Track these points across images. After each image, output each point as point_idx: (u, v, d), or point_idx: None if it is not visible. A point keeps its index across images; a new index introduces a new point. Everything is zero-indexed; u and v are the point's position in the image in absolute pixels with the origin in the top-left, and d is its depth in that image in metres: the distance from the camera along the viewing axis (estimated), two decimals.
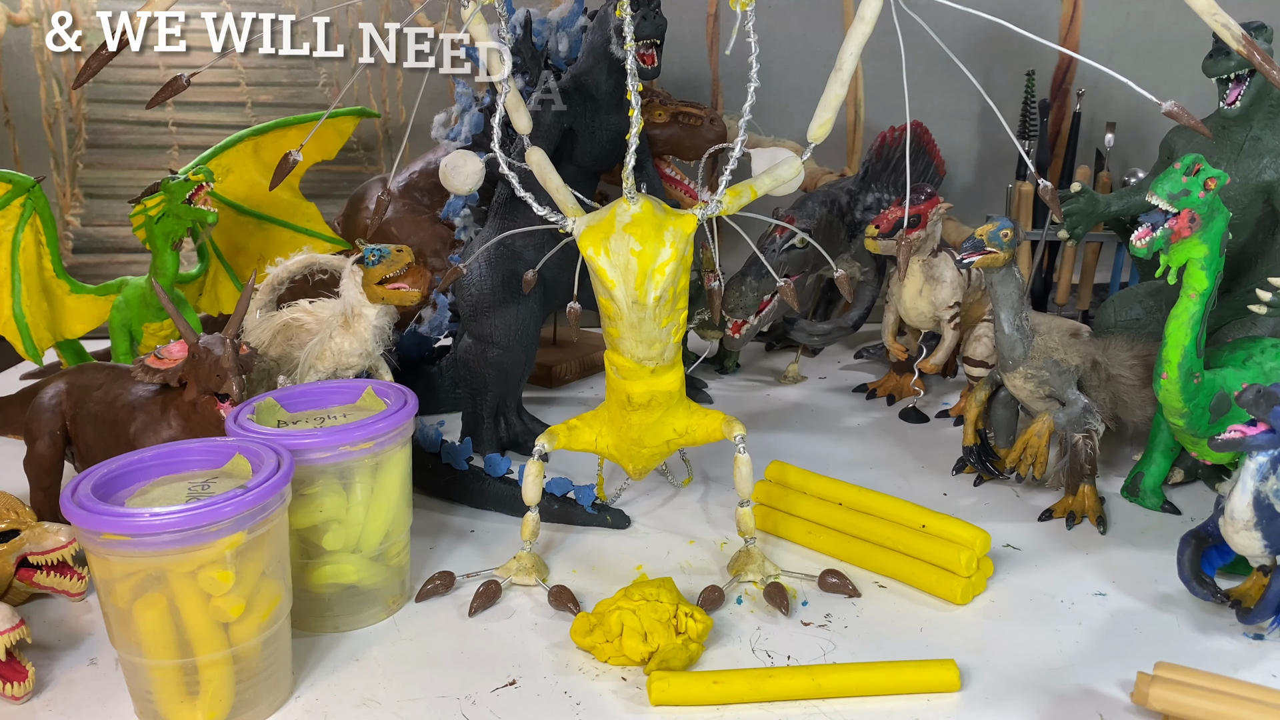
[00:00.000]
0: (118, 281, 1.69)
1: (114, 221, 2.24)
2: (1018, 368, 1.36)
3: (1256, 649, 1.09)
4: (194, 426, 1.21)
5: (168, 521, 0.90)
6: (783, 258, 1.67)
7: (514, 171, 1.20)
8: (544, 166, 1.21)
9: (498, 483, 1.40)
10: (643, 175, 1.40)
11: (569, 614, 1.16)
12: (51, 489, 1.31)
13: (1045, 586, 1.22)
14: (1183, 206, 1.14)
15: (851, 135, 2.19)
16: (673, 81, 2.10)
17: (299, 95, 2.20)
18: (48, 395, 1.31)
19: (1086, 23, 2.09)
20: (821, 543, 1.29)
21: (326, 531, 1.12)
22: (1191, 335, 1.18)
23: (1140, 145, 2.04)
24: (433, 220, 1.91)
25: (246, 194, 1.81)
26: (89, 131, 2.20)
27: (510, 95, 1.21)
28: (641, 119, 1.14)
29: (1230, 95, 1.42)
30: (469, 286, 1.53)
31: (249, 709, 1.00)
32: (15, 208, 1.58)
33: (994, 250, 1.31)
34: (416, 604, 1.20)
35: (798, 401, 1.84)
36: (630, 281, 1.12)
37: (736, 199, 1.18)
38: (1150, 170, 1.75)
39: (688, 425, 1.25)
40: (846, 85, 1.14)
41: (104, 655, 1.10)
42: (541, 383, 1.91)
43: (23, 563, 1.11)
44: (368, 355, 1.38)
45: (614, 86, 1.51)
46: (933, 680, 1.02)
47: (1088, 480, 1.36)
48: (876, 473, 1.52)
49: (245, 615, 0.96)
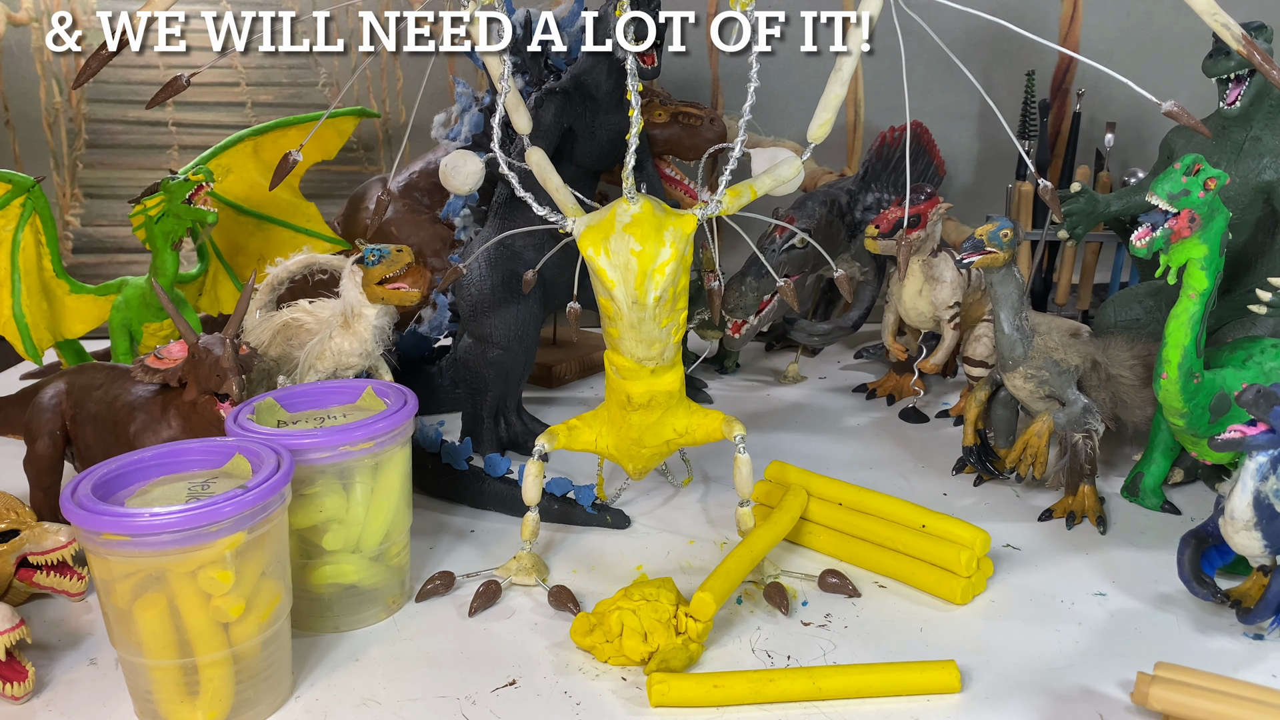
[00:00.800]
0: (118, 281, 1.69)
1: (114, 221, 2.24)
2: (1018, 368, 1.36)
3: (1256, 649, 1.09)
4: (194, 426, 1.21)
5: (168, 521, 0.90)
6: (783, 258, 1.67)
7: (514, 171, 1.20)
8: (544, 166, 1.21)
9: (498, 483, 1.40)
10: (643, 175, 1.40)
11: (569, 614, 1.16)
12: (51, 489, 1.31)
13: (1045, 586, 1.22)
14: (1183, 206, 1.14)
15: (851, 135, 2.19)
16: (673, 81, 2.10)
17: (299, 95, 2.20)
18: (48, 395, 1.31)
19: (1086, 23, 2.09)
20: (821, 543, 1.29)
21: (326, 531, 1.12)
22: (1191, 335, 1.18)
23: (1140, 145, 2.04)
24: (433, 220, 1.91)
25: (246, 194, 1.81)
26: (89, 131, 2.20)
27: (510, 95, 1.21)
28: (641, 119, 1.14)
29: (1230, 95, 1.42)
30: (469, 286, 1.53)
31: (249, 709, 1.00)
32: (15, 208, 1.58)
33: (994, 250, 1.31)
34: (416, 604, 1.20)
35: (798, 401, 1.84)
36: (630, 281, 1.12)
37: (736, 199, 1.18)
38: (1150, 170, 1.75)
39: (688, 425, 1.25)
40: (846, 85, 1.15)
41: (104, 655, 1.10)
42: (541, 383, 1.92)
43: (23, 563, 1.11)
44: (368, 355, 1.38)
45: (614, 86, 1.51)
46: (933, 682, 1.02)
47: (1088, 480, 1.36)
48: (876, 473, 1.52)
49: (245, 615, 0.96)
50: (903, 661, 1.05)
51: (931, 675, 1.02)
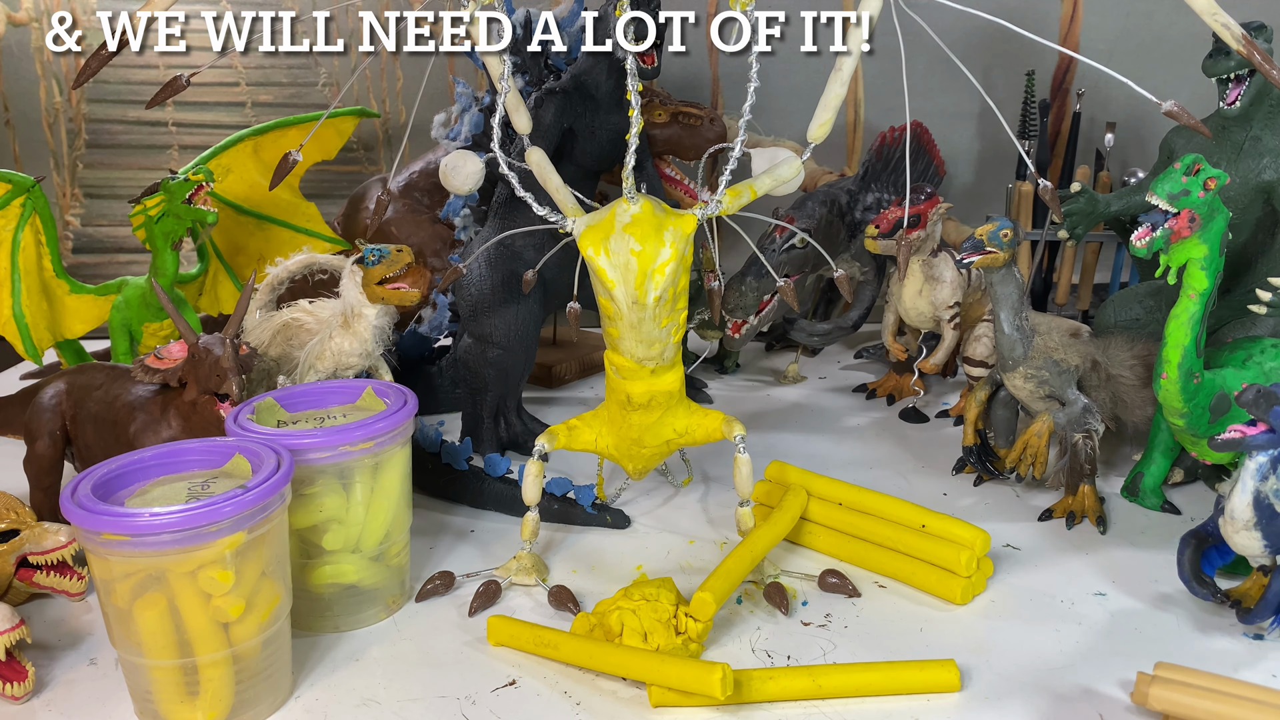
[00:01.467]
0: (118, 281, 1.69)
1: (114, 221, 2.24)
2: (1018, 368, 1.36)
3: (1257, 649, 1.09)
4: (194, 426, 1.21)
5: (168, 521, 0.90)
6: (783, 258, 1.67)
7: (514, 171, 1.20)
8: (544, 166, 1.21)
9: (498, 483, 1.40)
10: (643, 175, 1.40)
11: (569, 614, 1.16)
12: (51, 489, 1.31)
13: (1045, 586, 1.22)
14: (1183, 206, 1.14)
15: (851, 135, 2.19)
16: (673, 81, 2.10)
17: (299, 95, 2.20)
18: (48, 395, 1.31)
19: (1086, 23, 2.09)
20: (821, 543, 1.29)
21: (326, 531, 1.12)
22: (1191, 335, 1.18)
23: (1140, 145, 2.04)
24: (433, 220, 1.91)
25: (246, 194, 1.81)
26: (89, 131, 2.20)
27: (510, 95, 1.21)
28: (641, 119, 1.14)
29: (1230, 95, 1.42)
30: (469, 286, 1.53)
31: (249, 709, 1.00)
32: (15, 208, 1.58)
33: (994, 250, 1.31)
34: (416, 604, 1.20)
35: (798, 401, 1.84)
36: (630, 281, 1.12)
37: (736, 199, 1.18)
38: (1150, 170, 1.75)
39: (688, 425, 1.25)
40: (846, 85, 1.15)
41: (104, 655, 1.10)
42: (541, 383, 1.92)
43: (23, 563, 1.11)
44: (368, 355, 1.38)
45: (614, 86, 1.51)
46: (933, 681, 1.02)
47: (1088, 480, 1.36)
48: (876, 473, 1.52)
49: (245, 615, 0.96)
50: (902, 660, 1.05)
51: (931, 674, 1.02)
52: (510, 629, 1.10)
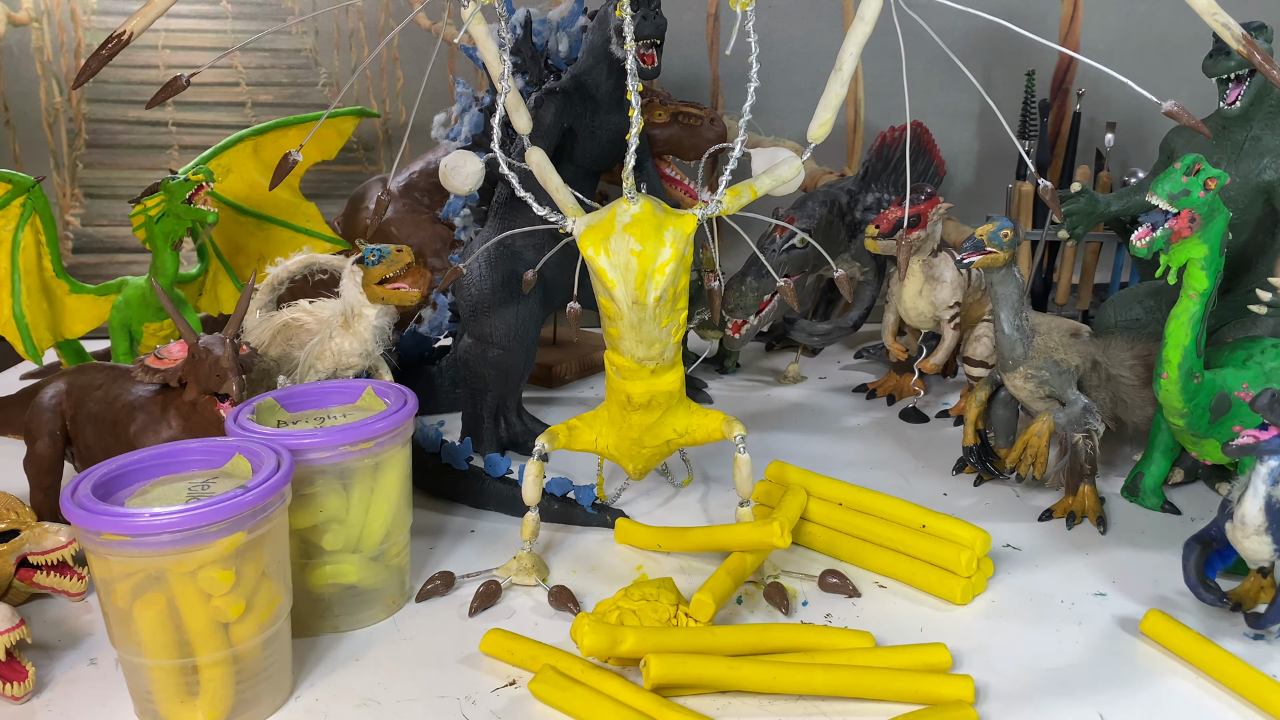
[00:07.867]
0: (118, 281, 1.69)
1: (114, 221, 2.24)
2: (1018, 368, 1.36)
3: (1257, 649, 1.09)
4: (194, 426, 1.21)
5: (168, 521, 0.90)
6: (783, 258, 1.67)
7: (514, 171, 1.20)
8: (544, 166, 1.21)
9: (498, 483, 1.40)
10: (643, 175, 1.40)
11: (569, 614, 1.16)
12: (51, 489, 1.31)
13: (1045, 586, 1.22)
14: (1183, 206, 1.14)
15: (851, 135, 2.19)
16: (673, 81, 2.11)
17: (299, 95, 2.20)
18: (48, 395, 1.31)
19: (1086, 23, 2.09)
20: (821, 543, 1.29)
21: (326, 531, 1.12)
22: (1191, 335, 1.18)
23: (1140, 145, 2.04)
24: (433, 220, 1.91)
25: (246, 194, 1.81)
26: (89, 131, 2.20)
27: (510, 95, 1.21)
28: (641, 119, 1.14)
29: (1230, 95, 1.42)
30: (469, 286, 1.53)
31: (249, 709, 1.00)
32: (15, 208, 1.58)
33: (994, 250, 1.31)
34: (416, 604, 1.20)
35: (798, 401, 1.84)
36: (630, 281, 1.12)
37: (736, 199, 1.18)
38: (1150, 170, 1.75)
39: (688, 425, 1.25)
40: (846, 85, 1.14)
41: (104, 655, 1.10)
42: (541, 383, 1.92)
43: (23, 563, 1.11)
44: (368, 355, 1.38)
45: (614, 86, 1.51)
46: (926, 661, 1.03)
47: (1088, 480, 1.36)
48: (876, 473, 1.52)
49: (245, 615, 0.96)
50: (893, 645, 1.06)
51: (922, 657, 1.03)
52: (506, 643, 1.08)
